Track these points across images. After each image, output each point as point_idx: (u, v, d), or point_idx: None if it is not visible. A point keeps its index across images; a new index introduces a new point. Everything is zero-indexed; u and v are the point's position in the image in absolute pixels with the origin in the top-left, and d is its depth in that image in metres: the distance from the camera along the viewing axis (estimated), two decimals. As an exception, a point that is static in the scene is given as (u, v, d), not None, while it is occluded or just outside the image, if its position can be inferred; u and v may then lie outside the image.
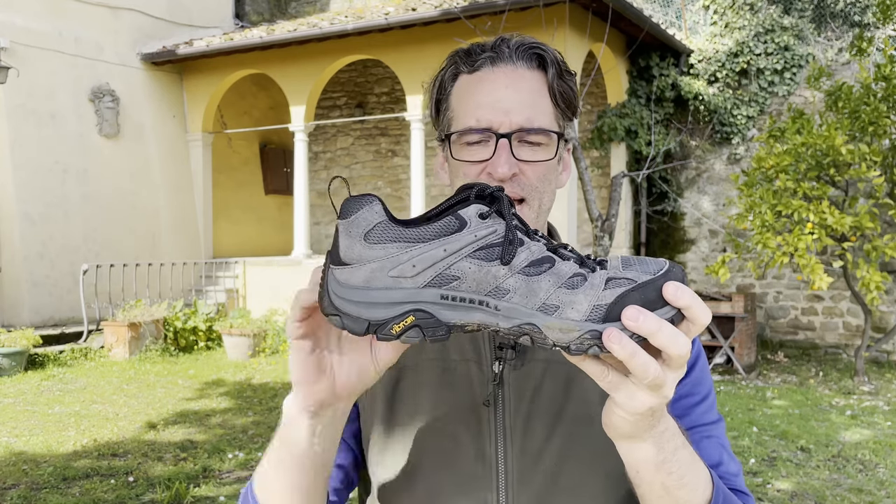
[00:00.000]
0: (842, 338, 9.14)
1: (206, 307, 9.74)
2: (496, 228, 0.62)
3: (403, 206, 12.08)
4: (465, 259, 0.61)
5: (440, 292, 0.61)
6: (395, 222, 0.62)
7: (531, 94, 0.92)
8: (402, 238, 0.61)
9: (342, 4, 12.28)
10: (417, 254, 0.61)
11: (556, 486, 0.91)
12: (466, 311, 0.62)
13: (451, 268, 0.61)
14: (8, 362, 7.59)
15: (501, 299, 0.62)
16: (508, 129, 0.90)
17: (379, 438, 0.96)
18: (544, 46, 0.93)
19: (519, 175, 0.91)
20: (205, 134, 11.08)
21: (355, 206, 0.62)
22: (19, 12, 9.25)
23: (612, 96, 9.89)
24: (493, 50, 0.93)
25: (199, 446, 5.13)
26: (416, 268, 0.61)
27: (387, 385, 0.97)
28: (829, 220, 6.52)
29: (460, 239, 0.62)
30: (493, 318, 0.62)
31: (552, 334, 0.62)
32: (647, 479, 0.75)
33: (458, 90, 0.95)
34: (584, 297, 0.61)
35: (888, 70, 6.70)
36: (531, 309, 0.62)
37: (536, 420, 0.92)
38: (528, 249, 0.63)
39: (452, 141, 0.94)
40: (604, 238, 5.26)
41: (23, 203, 9.18)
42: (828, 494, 4.30)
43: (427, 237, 0.62)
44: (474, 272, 0.61)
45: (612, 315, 0.61)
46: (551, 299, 0.62)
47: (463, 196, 0.64)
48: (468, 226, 0.62)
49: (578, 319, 0.61)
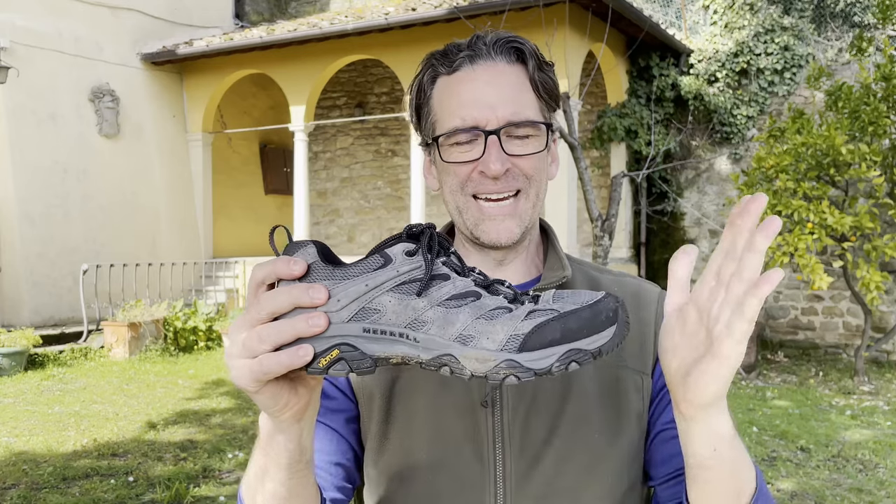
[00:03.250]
0: (842, 338, 9.14)
1: (206, 307, 9.74)
2: (421, 265, 0.65)
3: (403, 205, 12.09)
4: (387, 293, 0.63)
5: (363, 325, 0.63)
6: (328, 262, 0.65)
7: (514, 88, 0.91)
8: (331, 277, 0.64)
9: (342, 4, 12.28)
10: (342, 290, 0.63)
11: (555, 487, 0.91)
12: (389, 344, 0.63)
13: (372, 301, 0.63)
14: (8, 362, 7.59)
15: (419, 331, 0.63)
16: (496, 125, 0.90)
17: (376, 438, 0.96)
18: (521, 39, 0.93)
19: (512, 169, 0.91)
20: (205, 134, 11.08)
21: (292, 251, 0.65)
22: (19, 12, 9.25)
23: (612, 96, 9.89)
24: (471, 48, 0.92)
25: (199, 446, 5.13)
26: (341, 302, 0.63)
27: (384, 385, 0.96)
28: (829, 220, 6.52)
29: (382, 274, 0.64)
30: (413, 349, 0.63)
31: (469, 364, 0.62)
32: (723, 458, 0.73)
33: (438, 92, 0.94)
34: (502, 328, 0.62)
35: (888, 70, 6.70)
36: (448, 340, 0.63)
37: (535, 421, 0.92)
38: (451, 284, 0.64)
39: (440, 143, 0.93)
40: (604, 238, 5.26)
41: (23, 203, 9.18)
42: (828, 494, 4.30)
43: (352, 275, 0.64)
44: (394, 305, 0.63)
45: (529, 345, 0.62)
46: (468, 330, 0.63)
47: (396, 235, 0.67)
48: (392, 262, 0.64)
49: (493, 349, 0.62)
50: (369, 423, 0.96)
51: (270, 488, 0.78)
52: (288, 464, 0.75)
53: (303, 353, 0.63)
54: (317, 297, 0.63)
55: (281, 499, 0.78)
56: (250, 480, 0.80)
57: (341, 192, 12.79)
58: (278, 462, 0.75)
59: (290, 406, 0.69)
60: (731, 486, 0.75)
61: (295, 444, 0.74)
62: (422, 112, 0.97)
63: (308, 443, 0.76)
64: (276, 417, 0.70)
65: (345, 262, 0.66)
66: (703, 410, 0.70)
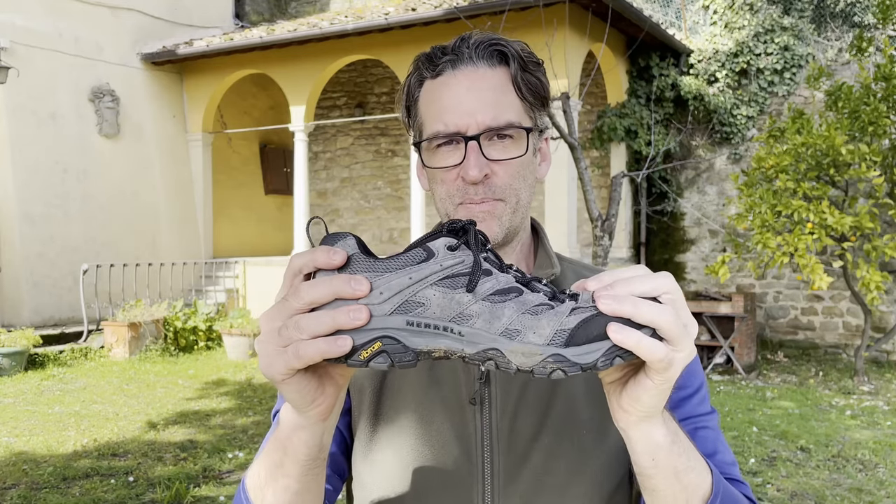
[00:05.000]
0: (842, 338, 9.14)
1: (206, 307, 9.74)
2: (463, 259, 0.65)
3: (403, 205, 12.09)
4: (431, 287, 0.63)
5: (406, 318, 0.63)
6: (367, 255, 0.65)
7: (493, 91, 0.91)
8: (372, 269, 0.64)
9: (342, 4, 12.28)
10: (385, 282, 0.63)
11: (543, 484, 0.91)
12: (433, 337, 0.63)
13: (416, 295, 0.63)
14: (8, 362, 7.59)
15: (465, 325, 0.63)
16: (476, 130, 0.90)
17: (365, 432, 0.96)
18: (505, 41, 0.93)
19: (491, 176, 0.91)
20: (205, 134, 11.08)
21: (331, 242, 0.65)
22: (19, 12, 9.25)
23: (611, 96, 9.89)
24: (454, 52, 0.92)
25: (199, 446, 5.13)
26: (384, 295, 0.63)
27: (375, 380, 0.97)
28: (828, 220, 6.52)
29: (426, 268, 0.64)
30: (458, 343, 0.63)
31: (515, 359, 0.63)
32: (662, 466, 0.74)
33: (423, 96, 0.95)
34: (548, 323, 0.63)
35: (888, 70, 6.71)
36: (494, 334, 0.63)
37: (523, 418, 0.92)
38: (494, 279, 0.65)
39: (423, 148, 0.94)
40: (604, 238, 5.26)
41: (23, 203, 9.18)
42: (828, 494, 4.30)
43: (395, 267, 0.64)
44: (439, 299, 0.63)
45: (576, 339, 0.62)
46: (514, 324, 0.63)
47: (436, 230, 0.67)
48: (435, 256, 0.64)
49: (541, 343, 0.62)
50: (359, 417, 0.97)
51: (283, 483, 0.78)
52: (305, 460, 0.75)
53: (341, 342, 0.62)
54: (359, 289, 0.62)
55: (293, 493, 0.78)
56: (260, 475, 0.80)
57: (341, 193, 12.79)
58: (296, 457, 0.75)
59: (317, 403, 0.69)
60: (677, 494, 0.76)
61: (316, 442, 0.74)
62: (411, 114, 0.98)
63: (328, 441, 0.77)
64: (303, 413, 0.70)
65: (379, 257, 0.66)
66: (638, 421, 0.71)
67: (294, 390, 0.67)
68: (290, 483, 0.77)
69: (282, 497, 0.78)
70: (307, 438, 0.73)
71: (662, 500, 0.77)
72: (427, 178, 0.98)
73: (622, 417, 0.71)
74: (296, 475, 0.76)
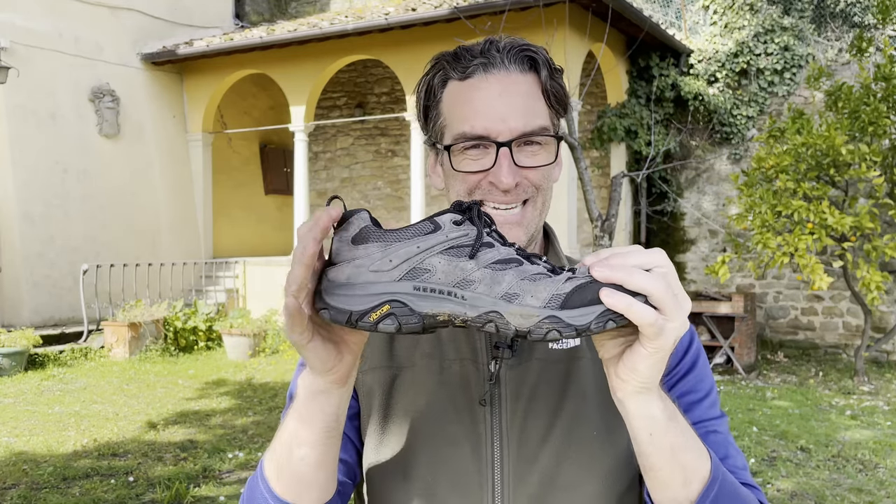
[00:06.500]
0: (842, 338, 9.14)
1: (206, 307, 9.74)
2: (468, 233, 0.70)
3: (403, 205, 12.09)
4: (437, 255, 0.68)
5: (414, 283, 0.68)
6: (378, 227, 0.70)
7: (526, 98, 0.91)
8: (383, 239, 0.69)
9: (342, 4, 12.28)
10: (394, 251, 0.68)
11: (553, 485, 0.91)
12: (437, 301, 0.68)
13: (423, 262, 0.68)
14: (8, 362, 7.59)
15: (468, 289, 0.68)
16: (508, 136, 0.90)
17: (375, 435, 0.96)
18: (534, 47, 0.93)
19: (522, 182, 0.92)
20: (205, 134, 11.08)
21: (347, 216, 0.70)
22: (19, 12, 9.25)
23: (612, 96, 9.89)
24: (484, 55, 0.92)
25: (199, 446, 5.13)
26: (393, 262, 0.68)
27: (384, 382, 0.97)
28: (829, 220, 6.52)
29: (433, 238, 0.69)
30: (460, 307, 0.68)
31: (513, 320, 0.67)
32: (659, 443, 0.75)
33: (449, 97, 0.94)
34: (545, 288, 0.68)
35: (888, 70, 6.71)
36: (494, 297, 0.68)
37: (533, 419, 0.92)
38: (496, 250, 0.70)
39: (451, 151, 0.93)
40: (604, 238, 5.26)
41: (23, 203, 9.18)
42: (828, 494, 4.30)
43: (404, 237, 0.69)
44: (444, 266, 0.68)
45: (571, 303, 0.67)
46: (513, 289, 0.68)
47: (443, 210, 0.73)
48: (442, 229, 0.70)
49: (537, 306, 0.67)
50: (368, 420, 0.97)
51: (300, 454, 0.80)
52: (322, 427, 0.79)
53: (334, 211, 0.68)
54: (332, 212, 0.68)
55: (308, 465, 0.81)
56: (277, 454, 0.82)
57: (341, 193, 12.79)
58: (312, 425, 0.78)
59: (335, 369, 0.75)
60: (675, 473, 0.77)
61: (333, 409, 0.78)
62: (430, 114, 0.96)
63: (343, 412, 0.81)
64: (323, 377, 0.75)
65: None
66: (635, 392, 0.72)
67: (315, 356, 0.72)
68: (307, 453, 0.80)
69: (297, 468, 0.81)
70: (324, 405, 0.77)
71: (661, 479, 0.78)
72: (444, 177, 0.98)
73: (619, 386, 0.73)
74: (312, 442, 0.79)
